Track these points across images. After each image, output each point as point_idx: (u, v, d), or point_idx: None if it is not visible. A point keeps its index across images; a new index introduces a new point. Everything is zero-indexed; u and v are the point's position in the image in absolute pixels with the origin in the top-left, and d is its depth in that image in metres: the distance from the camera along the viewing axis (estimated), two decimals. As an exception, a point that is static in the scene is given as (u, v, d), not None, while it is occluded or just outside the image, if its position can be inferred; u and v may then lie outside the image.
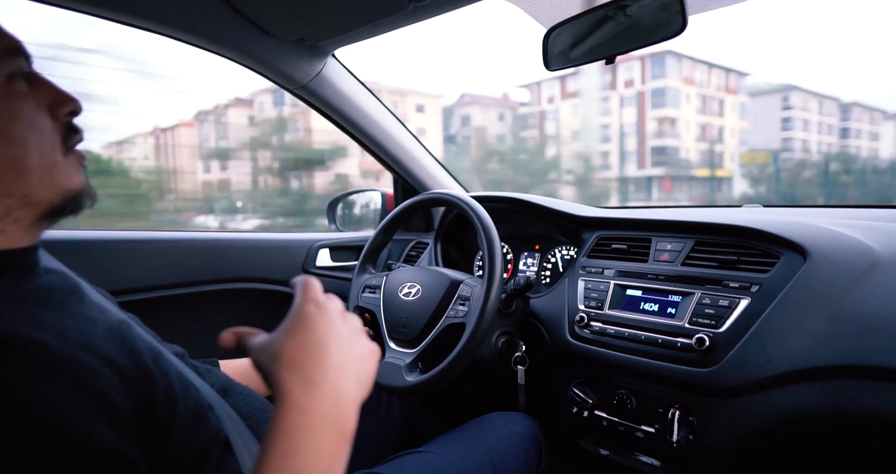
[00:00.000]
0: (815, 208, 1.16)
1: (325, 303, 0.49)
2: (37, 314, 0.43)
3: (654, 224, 1.04)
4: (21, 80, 0.48)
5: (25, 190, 0.47)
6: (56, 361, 0.40)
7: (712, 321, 0.85)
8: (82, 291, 0.51)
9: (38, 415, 0.37)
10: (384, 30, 1.05)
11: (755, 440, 0.81)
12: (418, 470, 0.80)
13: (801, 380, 0.76)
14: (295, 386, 0.43)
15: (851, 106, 47.45)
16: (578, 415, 1.02)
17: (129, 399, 0.43)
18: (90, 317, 0.47)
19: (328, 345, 0.46)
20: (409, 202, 1.15)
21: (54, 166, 0.49)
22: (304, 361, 0.45)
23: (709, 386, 0.83)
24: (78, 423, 0.38)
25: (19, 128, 0.46)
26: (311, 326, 0.47)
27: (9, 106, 0.46)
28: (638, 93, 36.63)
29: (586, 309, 1.02)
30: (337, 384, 0.45)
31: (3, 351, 0.38)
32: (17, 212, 0.47)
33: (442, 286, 1.02)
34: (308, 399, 0.43)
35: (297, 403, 0.43)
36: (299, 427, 0.42)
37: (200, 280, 1.29)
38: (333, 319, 0.48)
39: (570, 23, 0.95)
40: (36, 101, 0.49)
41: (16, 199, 0.47)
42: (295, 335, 0.46)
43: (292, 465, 0.41)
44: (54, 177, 0.49)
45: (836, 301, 0.77)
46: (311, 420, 0.43)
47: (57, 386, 0.38)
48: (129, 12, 0.96)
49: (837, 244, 0.84)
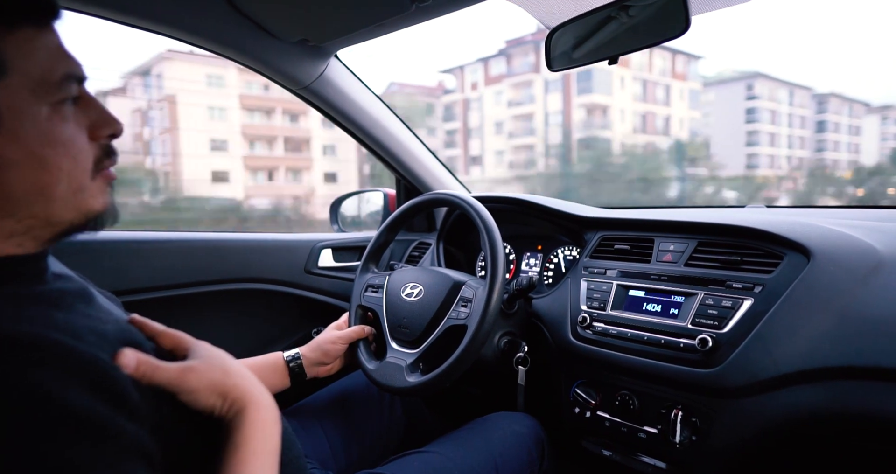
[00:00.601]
0: (818, 208, 1.16)
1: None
2: (50, 315, 0.44)
3: (657, 224, 1.04)
4: (68, 103, 0.47)
5: (49, 212, 0.47)
6: (76, 359, 0.40)
7: (715, 322, 0.85)
8: (90, 294, 0.52)
9: (63, 410, 0.37)
10: (387, 31, 1.06)
11: (758, 441, 0.81)
12: (420, 471, 0.80)
13: (804, 381, 0.76)
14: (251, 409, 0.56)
15: (828, 97, 45.54)
16: (581, 416, 1.02)
17: (143, 396, 0.44)
18: (99, 318, 0.48)
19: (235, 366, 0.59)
20: (412, 202, 1.15)
21: (81, 190, 0.48)
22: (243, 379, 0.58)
23: (712, 387, 0.82)
24: (103, 417, 0.39)
25: (53, 155, 0.45)
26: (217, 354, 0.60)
27: (48, 131, 0.45)
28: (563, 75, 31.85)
29: (589, 309, 1.02)
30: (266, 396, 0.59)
31: (24, 350, 0.38)
32: (36, 230, 0.47)
33: (444, 287, 1.02)
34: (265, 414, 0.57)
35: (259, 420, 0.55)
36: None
37: (203, 280, 1.29)
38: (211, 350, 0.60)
39: (573, 23, 0.95)
40: (77, 123, 0.48)
41: (38, 220, 0.46)
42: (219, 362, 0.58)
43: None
44: (79, 201, 0.48)
45: (840, 302, 0.77)
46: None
47: (78, 383, 0.39)
48: (131, 14, 0.97)
49: (841, 245, 0.83)
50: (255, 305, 1.40)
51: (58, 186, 0.46)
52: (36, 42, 0.44)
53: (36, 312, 0.43)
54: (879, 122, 49.75)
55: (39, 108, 0.44)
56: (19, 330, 0.39)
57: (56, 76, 0.45)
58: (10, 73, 0.42)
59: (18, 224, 0.46)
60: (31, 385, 0.37)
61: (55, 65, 0.45)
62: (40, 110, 0.44)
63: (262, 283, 1.38)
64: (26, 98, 0.43)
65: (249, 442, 0.51)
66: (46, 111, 0.44)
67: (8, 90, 0.42)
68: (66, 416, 0.37)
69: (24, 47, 0.43)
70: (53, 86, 0.45)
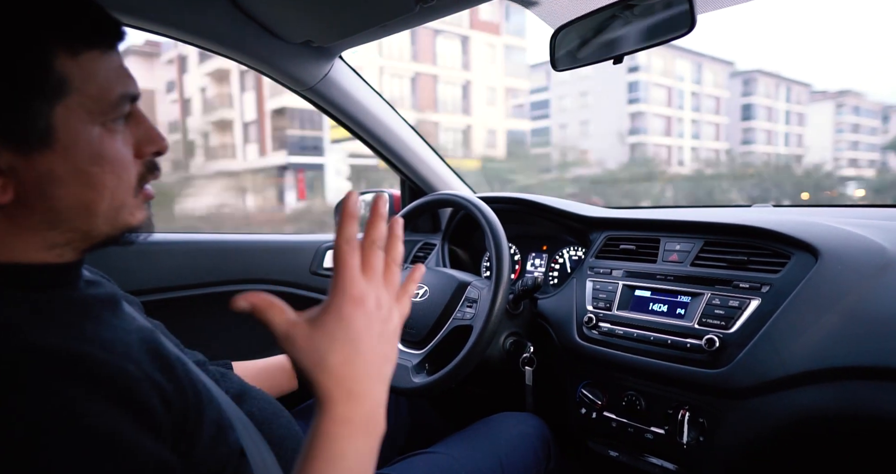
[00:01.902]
0: (826, 208, 1.15)
1: (361, 297, 0.47)
2: (80, 325, 0.44)
3: (663, 224, 1.04)
4: (120, 121, 0.47)
5: (89, 226, 0.47)
6: (104, 373, 0.40)
7: (722, 322, 0.84)
8: (117, 301, 0.52)
9: (91, 430, 0.37)
10: (391, 31, 1.06)
11: (766, 442, 0.81)
12: (427, 471, 0.80)
13: (812, 382, 0.75)
14: (339, 398, 0.45)
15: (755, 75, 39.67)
16: (587, 416, 1.02)
17: (167, 412, 0.43)
18: (125, 328, 0.48)
19: (369, 354, 0.47)
20: (417, 203, 1.15)
21: (123, 207, 0.48)
22: (347, 374, 0.45)
23: (719, 388, 0.82)
24: (128, 436, 0.38)
25: (100, 173, 0.45)
26: (353, 334, 0.46)
27: (97, 148, 0.45)
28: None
29: (595, 309, 1.02)
30: (374, 392, 0.47)
31: (53, 364, 0.38)
32: (76, 242, 0.48)
33: (449, 287, 1.02)
34: (350, 411, 0.45)
35: (339, 415, 0.45)
36: (341, 435, 0.45)
37: (209, 282, 1.29)
38: (373, 320, 0.47)
39: (578, 23, 0.94)
40: (125, 141, 0.48)
41: (78, 233, 0.47)
42: (337, 344, 0.45)
43: (333, 470, 0.44)
44: (119, 217, 0.49)
45: (849, 301, 0.76)
46: (352, 429, 0.45)
47: (107, 399, 0.39)
48: (136, 15, 0.97)
49: (850, 244, 0.83)
50: None
51: (102, 203, 0.46)
52: (99, 64, 0.45)
53: (67, 322, 0.44)
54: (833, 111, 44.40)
55: (94, 127, 0.45)
56: (50, 342, 0.39)
57: (113, 97, 0.45)
58: (71, 94, 0.43)
59: (61, 236, 0.46)
60: (58, 399, 0.37)
61: (114, 85, 0.46)
62: (94, 129, 0.45)
63: (268, 284, 1.39)
64: (83, 117, 0.44)
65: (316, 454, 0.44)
66: (99, 130, 0.45)
67: (67, 110, 0.43)
68: (89, 433, 0.37)
69: (87, 70, 0.44)
70: (110, 106, 0.45)
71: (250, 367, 0.88)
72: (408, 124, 1.44)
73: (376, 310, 0.48)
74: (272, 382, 0.89)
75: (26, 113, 0.41)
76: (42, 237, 0.46)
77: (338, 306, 0.46)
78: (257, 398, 0.69)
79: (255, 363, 0.89)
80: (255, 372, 0.87)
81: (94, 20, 0.45)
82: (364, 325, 0.46)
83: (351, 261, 0.47)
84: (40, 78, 0.41)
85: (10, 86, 0.41)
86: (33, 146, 0.42)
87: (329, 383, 0.45)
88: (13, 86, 0.41)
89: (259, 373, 0.88)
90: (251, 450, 0.55)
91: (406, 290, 0.54)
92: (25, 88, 0.41)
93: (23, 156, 0.42)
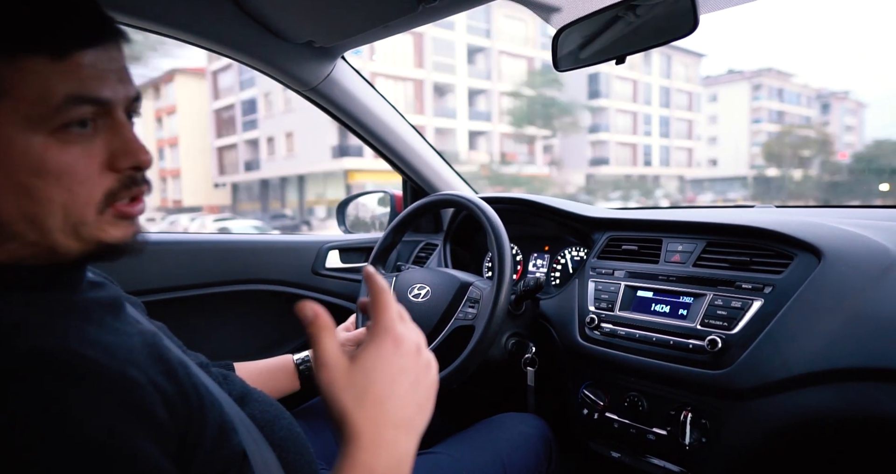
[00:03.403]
0: (829, 208, 1.15)
1: (402, 338, 0.46)
2: (83, 329, 0.43)
3: (665, 225, 1.04)
4: (77, 128, 0.42)
5: (48, 242, 0.43)
6: (105, 378, 0.39)
7: (725, 322, 0.84)
8: (119, 304, 0.51)
9: (89, 434, 0.36)
10: (393, 31, 1.06)
11: (769, 443, 0.80)
12: (428, 471, 0.80)
13: (815, 383, 0.75)
14: (365, 444, 0.43)
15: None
16: (589, 417, 1.02)
17: (170, 416, 0.43)
18: (127, 332, 0.47)
19: (404, 399, 0.45)
20: (419, 203, 1.15)
21: (83, 224, 0.44)
22: (378, 417, 0.44)
23: (721, 389, 0.82)
24: (127, 442, 0.38)
25: (42, 186, 0.41)
26: (391, 374, 0.45)
27: (37, 159, 0.40)
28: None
29: (597, 310, 1.01)
30: (402, 442, 0.45)
31: (54, 367, 0.38)
32: (43, 257, 0.44)
33: (451, 288, 1.02)
34: (374, 459, 0.43)
35: (362, 462, 0.43)
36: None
37: (210, 282, 1.30)
38: (411, 363, 0.46)
39: (580, 23, 0.94)
40: (87, 151, 0.43)
41: (40, 248, 0.44)
42: (375, 384, 0.44)
43: None
44: (83, 233, 0.44)
45: (852, 302, 0.76)
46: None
47: (107, 403, 0.38)
48: (138, 16, 0.97)
49: (853, 244, 0.83)
50: (263, 307, 1.41)
51: (49, 217, 0.42)
52: (45, 67, 0.40)
53: (69, 325, 0.43)
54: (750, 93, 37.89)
55: (35, 135, 0.40)
56: (50, 345, 0.39)
57: (57, 100, 0.40)
58: (3, 99, 0.39)
59: (23, 249, 0.44)
60: (57, 404, 0.36)
61: (59, 88, 0.40)
62: (35, 138, 0.40)
63: (270, 285, 1.39)
64: (20, 124, 0.40)
65: None
66: (43, 139, 0.41)
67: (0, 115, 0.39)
68: (88, 438, 0.36)
69: (27, 73, 0.40)
70: (53, 110, 0.40)
71: (252, 368, 0.88)
72: (410, 125, 1.44)
73: (416, 354, 0.47)
74: (274, 383, 0.89)
75: None
76: (4, 248, 0.43)
77: (378, 344, 0.45)
78: (259, 400, 0.69)
79: (257, 364, 0.89)
80: (257, 373, 0.87)
81: (51, 22, 0.41)
82: (402, 367, 0.45)
83: (392, 305, 0.47)
84: None
85: None
86: None
87: (359, 424, 0.43)
88: None
89: (261, 374, 0.88)
90: (253, 453, 0.54)
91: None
92: None
93: None
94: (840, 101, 41.90)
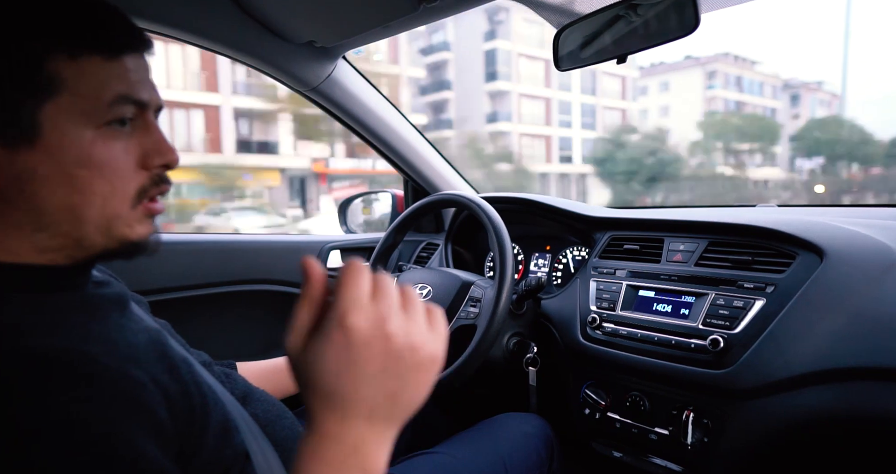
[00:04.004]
0: (831, 207, 1.14)
1: (353, 329, 0.39)
2: (87, 326, 0.43)
3: (667, 224, 1.04)
4: (118, 126, 0.46)
5: (80, 233, 0.46)
6: (107, 377, 0.39)
7: (727, 322, 0.84)
8: (125, 301, 0.52)
9: (90, 435, 0.37)
10: (394, 31, 1.06)
11: (771, 442, 0.80)
12: (429, 471, 0.80)
13: (818, 382, 0.75)
14: (309, 431, 0.41)
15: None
16: (591, 417, 1.01)
17: (171, 415, 0.43)
18: (132, 329, 0.47)
19: (358, 392, 0.40)
20: (420, 203, 1.15)
21: (117, 217, 0.47)
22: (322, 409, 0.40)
23: (723, 388, 0.82)
24: (129, 442, 0.38)
25: (87, 176, 0.44)
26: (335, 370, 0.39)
27: (87, 151, 0.44)
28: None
29: (598, 310, 1.01)
30: (357, 433, 0.40)
31: (56, 368, 0.38)
32: (69, 249, 0.46)
33: (453, 287, 1.02)
34: (321, 448, 0.40)
35: (308, 449, 0.41)
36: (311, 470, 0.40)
37: (212, 282, 1.30)
38: (364, 354, 0.39)
39: (581, 22, 0.94)
40: (126, 147, 0.47)
41: (69, 239, 0.46)
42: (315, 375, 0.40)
43: None
44: (113, 227, 0.47)
45: (854, 301, 0.76)
46: (325, 468, 0.40)
47: (108, 403, 0.38)
48: (140, 16, 0.97)
49: (855, 244, 0.82)
50: (264, 307, 1.41)
51: (89, 208, 0.45)
52: (100, 68, 0.44)
53: (72, 324, 0.43)
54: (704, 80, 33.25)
55: (86, 129, 0.44)
56: (50, 345, 0.39)
57: (108, 98, 0.44)
58: (63, 94, 0.43)
59: (51, 240, 0.45)
60: (56, 405, 0.36)
61: (111, 88, 0.45)
62: (86, 131, 0.44)
63: (272, 285, 1.39)
64: (75, 118, 0.43)
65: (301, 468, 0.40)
66: (92, 133, 0.44)
67: (57, 109, 0.43)
68: (88, 439, 0.36)
69: (85, 72, 0.43)
70: (104, 107, 0.44)
71: (254, 368, 0.88)
72: (411, 125, 1.44)
73: (383, 342, 0.40)
74: (276, 383, 0.89)
75: (12, 108, 0.41)
76: (30, 239, 0.45)
77: (326, 335, 0.39)
78: (261, 400, 0.69)
79: (259, 364, 0.90)
80: (260, 373, 0.87)
81: (105, 26, 0.45)
82: (352, 359, 0.39)
83: (347, 293, 0.40)
84: (29, 75, 0.42)
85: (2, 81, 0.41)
86: (16, 141, 0.42)
87: (309, 408, 0.41)
88: (5, 81, 0.41)
89: (263, 374, 0.88)
90: (255, 452, 0.54)
91: (435, 325, 0.45)
92: (12, 84, 0.41)
93: (5, 150, 0.42)
94: (812, 92, 37.67)
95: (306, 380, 0.40)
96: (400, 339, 0.41)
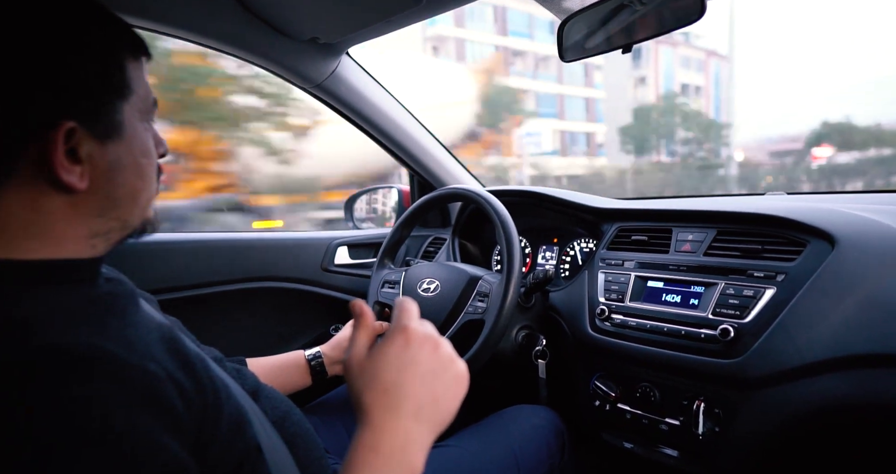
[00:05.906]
0: (842, 194, 1.13)
1: (414, 334, 0.52)
2: (104, 321, 0.44)
3: (675, 214, 1.03)
4: (151, 122, 0.55)
5: (129, 216, 0.52)
6: (125, 371, 0.40)
7: (737, 311, 0.83)
8: (136, 298, 0.53)
9: (109, 429, 0.37)
10: (397, 26, 1.05)
11: (782, 431, 0.80)
12: (440, 464, 0.80)
13: (829, 370, 0.74)
14: (370, 426, 0.48)
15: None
16: (601, 409, 1.01)
17: (188, 410, 0.43)
18: (146, 325, 0.48)
19: (412, 389, 0.50)
20: (427, 198, 1.15)
21: (151, 199, 0.55)
22: (383, 405, 0.49)
23: (734, 378, 0.81)
24: (149, 437, 0.38)
25: (147, 164, 0.52)
26: (396, 368, 0.50)
27: (147, 143, 0.52)
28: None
29: (607, 301, 1.01)
30: (408, 428, 0.49)
31: (74, 362, 0.38)
32: (113, 233, 0.51)
33: (461, 282, 1.02)
34: (378, 440, 0.47)
35: (367, 440, 0.48)
36: (368, 464, 0.47)
37: (220, 280, 1.31)
38: (421, 357, 0.51)
39: (585, 12, 0.94)
40: (154, 140, 0.55)
41: (118, 222, 0.51)
42: (382, 374, 0.50)
43: None
44: (148, 208, 0.55)
45: (866, 288, 0.75)
46: (375, 459, 0.47)
47: (127, 398, 0.39)
48: (141, 15, 0.98)
49: (867, 230, 0.82)
50: (273, 303, 1.42)
51: (145, 192, 0.53)
52: (144, 72, 0.53)
53: (90, 318, 0.44)
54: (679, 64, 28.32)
55: (142, 124, 0.52)
56: (69, 340, 0.40)
57: (152, 99, 0.54)
58: (132, 94, 0.50)
59: (104, 224, 0.50)
60: (76, 399, 0.37)
61: (150, 89, 0.54)
62: (142, 126, 0.52)
63: (279, 282, 1.40)
64: (137, 115, 0.51)
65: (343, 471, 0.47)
66: (143, 127, 0.52)
67: (130, 107, 0.50)
68: (108, 433, 0.37)
69: (141, 75, 0.52)
70: (151, 107, 0.54)
71: (263, 364, 0.89)
72: (416, 119, 1.44)
73: (432, 350, 0.52)
74: (285, 378, 0.90)
75: (109, 107, 0.48)
76: (88, 226, 0.49)
77: (390, 338, 0.51)
78: (270, 397, 0.69)
79: (268, 359, 0.90)
80: (269, 369, 0.88)
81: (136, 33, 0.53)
82: (411, 359, 0.50)
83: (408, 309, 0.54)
84: (118, 79, 0.49)
85: (101, 85, 0.48)
86: (110, 136, 0.48)
87: (367, 406, 0.49)
88: (103, 85, 0.48)
89: (272, 370, 0.89)
90: (267, 446, 0.55)
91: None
92: (109, 88, 0.49)
93: (100, 145, 0.48)
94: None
95: (366, 381, 0.50)
96: (445, 348, 0.53)
